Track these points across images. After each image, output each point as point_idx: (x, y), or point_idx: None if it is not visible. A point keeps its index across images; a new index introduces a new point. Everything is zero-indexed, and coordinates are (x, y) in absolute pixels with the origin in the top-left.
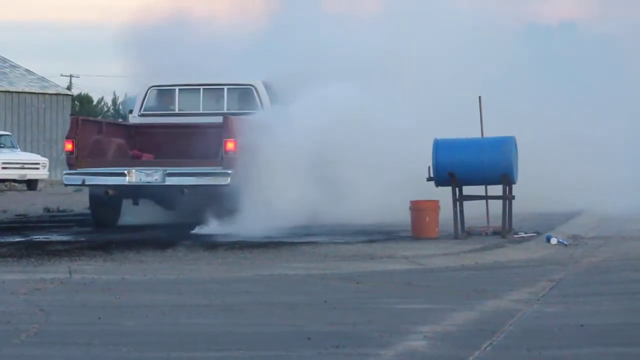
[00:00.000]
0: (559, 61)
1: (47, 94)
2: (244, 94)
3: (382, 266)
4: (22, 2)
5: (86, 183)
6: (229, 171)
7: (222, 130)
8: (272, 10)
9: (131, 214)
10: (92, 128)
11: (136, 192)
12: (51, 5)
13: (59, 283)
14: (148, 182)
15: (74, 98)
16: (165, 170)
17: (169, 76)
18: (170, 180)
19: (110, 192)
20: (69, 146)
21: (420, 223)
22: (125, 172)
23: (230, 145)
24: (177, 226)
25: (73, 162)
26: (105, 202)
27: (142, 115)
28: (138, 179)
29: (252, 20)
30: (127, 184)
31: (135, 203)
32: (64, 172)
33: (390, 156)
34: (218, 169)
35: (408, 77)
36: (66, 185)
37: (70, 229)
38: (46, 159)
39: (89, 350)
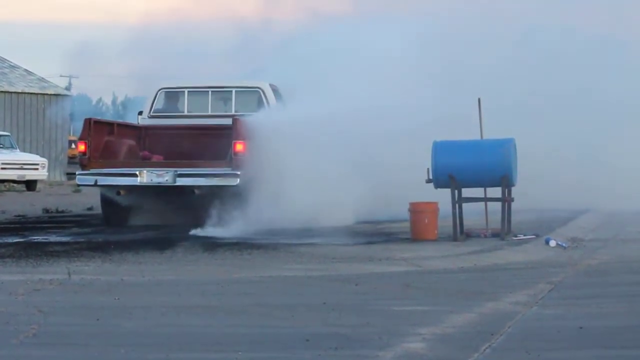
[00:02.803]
0: (560, 63)
1: (47, 94)
2: (252, 96)
3: (381, 268)
4: (22, 3)
5: (98, 183)
6: (238, 172)
7: (232, 132)
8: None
9: (142, 215)
10: (104, 129)
11: (147, 193)
12: (51, 5)
13: (57, 284)
14: (159, 183)
15: (73, 98)
16: (176, 171)
17: (178, 78)
18: (181, 181)
19: (122, 192)
20: (81, 147)
21: (419, 225)
22: (137, 172)
23: (239, 147)
24: (181, 227)
25: (86, 162)
26: (116, 203)
27: (151, 117)
28: (149, 179)
29: (263, 23)
30: (138, 184)
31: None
32: (77, 172)
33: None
34: (227, 170)
35: (403, 78)
36: (79, 185)
37: (69, 229)
38: (45, 160)
39: (88, 351)
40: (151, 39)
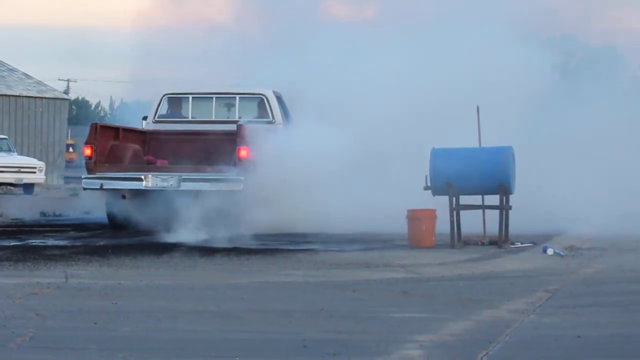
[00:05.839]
0: (559, 72)
1: (45, 98)
2: (255, 102)
3: (379, 275)
4: (21, 6)
5: (104, 187)
6: (242, 177)
7: (236, 137)
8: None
9: (145, 219)
10: (109, 134)
11: (151, 197)
12: (50, 9)
13: (55, 288)
14: (164, 187)
15: (71, 102)
16: (181, 175)
17: (182, 84)
18: (185, 186)
19: (127, 196)
20: (87, 151)
21: (416, 232)
22: (142, 177)
23: (243, 153)
24: (180, 232)
25: (92, 166)
26: (120, 206)
27: (156, 122)
28: (154, 184)
29: (266, 30)
30: (143, 188)
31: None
32: (83, 176)
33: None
34: (231, 175)
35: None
36: (85, 189)
37: (67, 233)
38: (42, 163)
39: (85, 355)
40: (152, 43)
